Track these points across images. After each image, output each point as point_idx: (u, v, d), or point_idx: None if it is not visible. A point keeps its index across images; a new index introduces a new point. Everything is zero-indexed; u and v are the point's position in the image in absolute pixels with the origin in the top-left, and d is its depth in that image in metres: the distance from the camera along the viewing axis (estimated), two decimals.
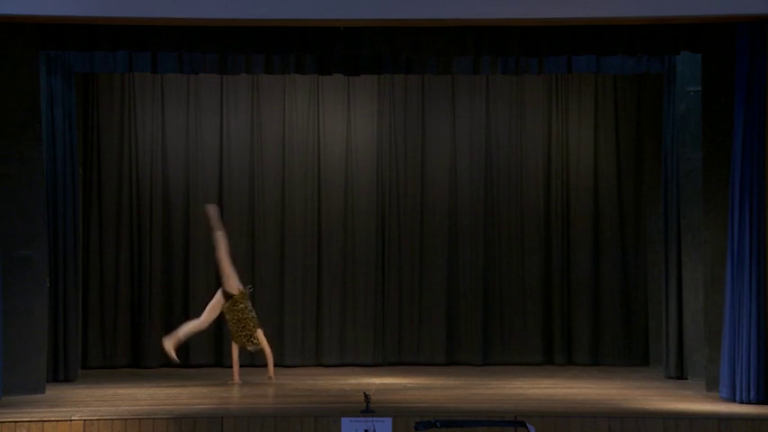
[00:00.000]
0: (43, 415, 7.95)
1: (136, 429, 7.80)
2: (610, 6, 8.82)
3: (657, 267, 11.09)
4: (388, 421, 7.76)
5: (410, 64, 10.19)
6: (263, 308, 11.26)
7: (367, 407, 7.94)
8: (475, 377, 10.52)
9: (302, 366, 11.39)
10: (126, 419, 7.86)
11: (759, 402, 8.60)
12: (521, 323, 11.71)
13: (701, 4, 8.80)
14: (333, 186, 11.72)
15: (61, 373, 10.14)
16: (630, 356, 11.61)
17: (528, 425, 6.49)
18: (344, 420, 7.79)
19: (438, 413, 7.87)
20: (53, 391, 9.28)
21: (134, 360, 11.40)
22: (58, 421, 7.81)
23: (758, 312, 8.71)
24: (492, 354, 11.64)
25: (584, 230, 11.79)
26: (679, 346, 10.42)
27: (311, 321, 11.61)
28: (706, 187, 9.36)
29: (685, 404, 8.67)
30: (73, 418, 7.85)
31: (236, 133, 11.70)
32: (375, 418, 7.76)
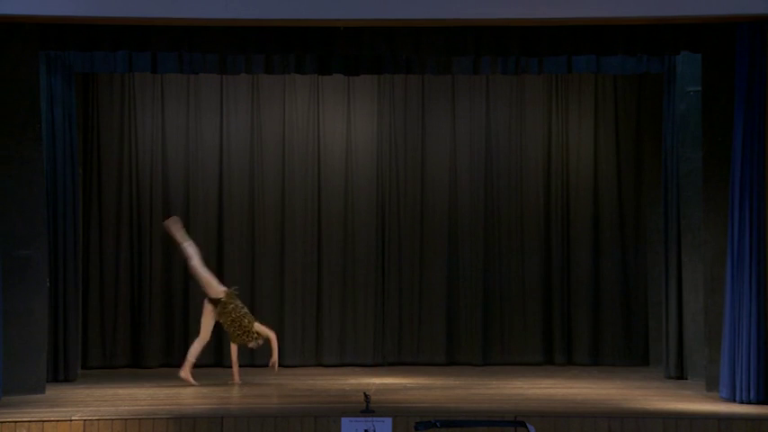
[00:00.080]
0: (43, 415, 7.95)
1: (136, 429, 7.80)
2: (610, 6, 8.82)
3: (657, 267, 11.09)
4: (388, 421, 7.76)
5: (410, 64, 10.18)
6: (264, 307, 11.29)
7: (367, 407, 7.94)
8: (475, 377, 10.52)
9: (302, 366, 11.38)
10: (126, 419, 7.87)
11: (759, 402, 8.61)
12: (521, 323, 11.71)
13: (701, 4, 8.80)
14: (333, 186, 11.71)
15: (61, 373, 10.14)
16: (630, 356, 11.60)
17: (528, 425, 6.49)
18: (344, 420, 7.78)
19: (438, 413, 7.87)
20: (53, 391, 9.27)
21: (134, 360, 11.39)
22: (58, 421, 7.81)
23: (758, 312, 8.71)
24: (492, 354, 11.63)
25: (584, 230, 11.78)
26: (679, 346, 10.42)
27: (311, 321, 11.61)
28: (706, 187, 9.35)
29: (685, 404, 8.67)
30: (73, 418, 7.85)
31: (236, 133, 11.69)
32: (375, 418, 7.76)
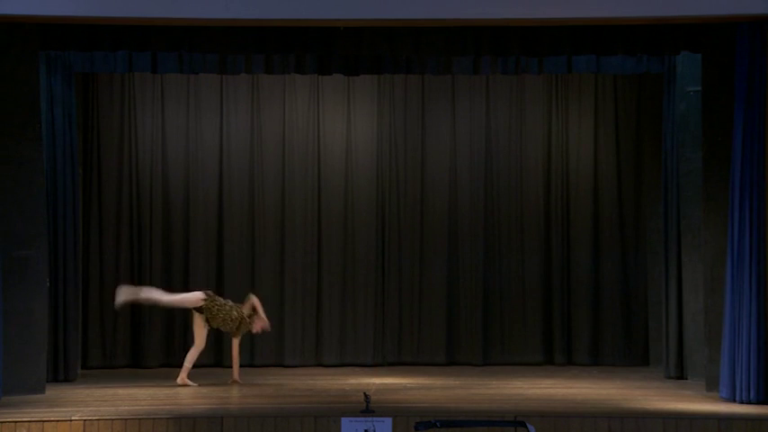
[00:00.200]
0: (43, 415, 7.95)
1: (136, 429, 7.80)
2: (610, 6, 8.81)
3: (657, 267, 11.08)
4: (388, 421, 7.76)
5: (410, 64, 10.18)
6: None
7: (367, 407, 7.94)
8: (475, 377, 10.52)
9: (302, 366, 11.39)
10: (126, 419, 7.86)
11: (759, 402, 8.60)
12: (521, 323, 11.71)
13: (701, 4, 8.79)
14: (333, 186, 11.71)
15: (61, 373, 10.13)
16: (630, 356, 11.60)
17: (528, 425, 6.49)
18: (344, 420, 7.78)
19: (438, 413, 7.87)
20: (53, 391, 9.27)
21: (134, 360, 11.39)
22: (58, 421, 7.80)
23: (758, 312, 8.70)
24: (492, 354, 11.63)
25: (584, 230, 11.78)
26: (679, 346, 10.42)
27: (311, 321, 11.61)
28: (706, 187, 9.35)
29: (685, 404, 8.66)
30: (73, 418, 7.85)
31: (236, 133, 11.69)
32: (375, 418, 7.76)
